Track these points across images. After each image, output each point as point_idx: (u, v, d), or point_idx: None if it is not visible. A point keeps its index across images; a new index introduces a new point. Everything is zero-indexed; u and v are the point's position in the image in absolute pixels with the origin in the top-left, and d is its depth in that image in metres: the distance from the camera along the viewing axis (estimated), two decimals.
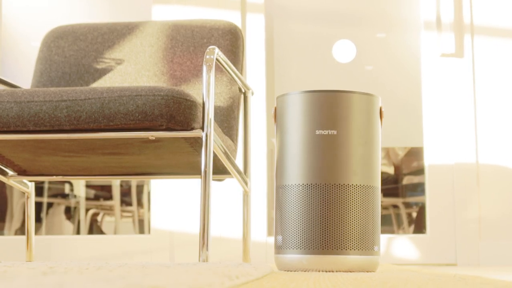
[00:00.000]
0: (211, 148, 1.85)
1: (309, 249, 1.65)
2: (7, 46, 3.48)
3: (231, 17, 3.17)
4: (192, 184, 3.09)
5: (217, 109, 2.29)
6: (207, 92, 1.87)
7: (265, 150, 3.14)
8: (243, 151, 2.33)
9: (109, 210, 4.58)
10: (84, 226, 4.45)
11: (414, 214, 4.19)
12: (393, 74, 3.58)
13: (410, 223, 4.15)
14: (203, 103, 1.87)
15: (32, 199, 2.39)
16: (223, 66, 2.07)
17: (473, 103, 3.10)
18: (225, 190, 3.08)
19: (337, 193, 1.65)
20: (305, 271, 1.66)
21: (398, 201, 4.17)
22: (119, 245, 3.13)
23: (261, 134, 3.14)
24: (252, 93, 2.38)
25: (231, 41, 2.40)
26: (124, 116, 1.82)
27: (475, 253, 3.03)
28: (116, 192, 4.52)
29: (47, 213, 4.33)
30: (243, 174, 2.27)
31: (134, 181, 4.48)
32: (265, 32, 3.21)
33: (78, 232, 4.39)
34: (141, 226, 4.50)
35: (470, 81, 3.11)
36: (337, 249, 1.64)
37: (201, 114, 1.87)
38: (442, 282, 1.12)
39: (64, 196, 4.46)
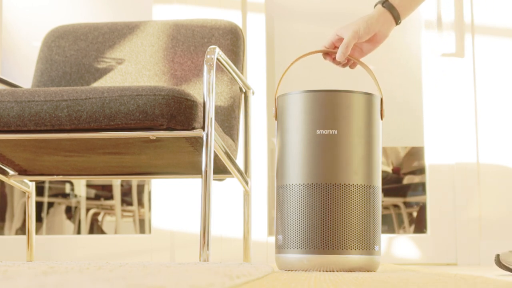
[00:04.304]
0: (211, 147, 1.85)
1: (309, 248, 1.65)
2: (8, 46, 3.48)
3: (232, 16, 3.17)
4: (193, 184, 3.09)
5: (217, 109, 2.29)
6: (208, 91, 1.87)
7: (265, 149, 3.14)
8: (243, 151, 2.33)
9: (110, 209, 4.58)
10: (85, 225, 4.45)
11: (415, 214, 4.19)
12: (393, 73, 3.57)
13: (410, 223, 4.15)
14: (204, 103, 1.87)
15: (33, 198, 2.40)
16: (224, 66, 2.07)
17: (473, 102, 3.10)
18: (225, 189, 3.08)
19: (337, 192, 1.65)
20: (306, 270, 1.66)
21: (399, 200, 4.17)
22: (120, 245, 3.13)
23: (261, 133, 3.14)
24: (253, 93, 2.38)
25: (232, 40, 2.40)
26: (125, 116, 1.82)
27: (476, 253, 3.03)
28: (117, 192, 4.53)
29: (47, 212, 4.33)
30: (244, 174, 2.27)
31: (134, 180, 4.48)
32: (265, 32, 3.21)
33: (78, 232, 4.39)
34: (142, 226, 4.51)
35: (471, 80, 3.11)
36: (337, 249, 1.64)
37: (202, 114, 1.87)
38: (443, 282, 1.12)
39: (65, 195, 4.46)
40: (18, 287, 0.71)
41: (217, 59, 1.95)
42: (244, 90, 2.35)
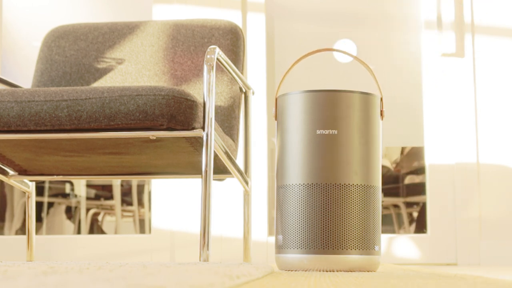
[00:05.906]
0: (211, 147, 1.85)
1: (310, 248, 1.65)
2: (8, 46, 3.48)
3: (232, 16, 3.17)
4: (193, 184, 3.09)
5: (217, 109, 2.29)
6: (208, 91, 1.87)
7: (265, 149, 3.14)
8: (243, 151, 2.33)
9: (110, 209, 4.58)
10: (85, 225, 4.45)
11: (415, 214, 4.19)
12: (393, 73, 3.57)
13: (410, 223, 4.15)
14: (204, 103, 1.87)
15: (33, 198, 2.40)
16: (224, 66, 2.07)
17: (473, 102, 3.10)
18: (225, 189, 3.08)
19: (337, 192, 1.65)
20: (305, 270, 1.66)
21: (399, 200, 4.17)
22: (120, 245, 3.13)
23: (261, 133, 3.14)
24: (253, 93, 2.38)
25: (232, 40, 2.40)
26: (125, 116, 1.82)
27: (476, 253, 3.03)
28: (117, 192, 4.53)
29: (47, 212, 4.33)
30: (244, 174, 2.27)
31: (134, 180, 4.48)
32: (265, 32, 3.21)
33: (78, 232, 4.39)
34: (142, 226, 4.50)
35: (471, 80, 3.11)
36: (338, 249, 1.64)
37: (202, 114, 1.87)
38: (443, 282, 1.12)
39: (65, 195, 4.46)
40: (18, 287, 0.71)
41: (217, 59, 1.95)
42: (244, 90, 2.35)
